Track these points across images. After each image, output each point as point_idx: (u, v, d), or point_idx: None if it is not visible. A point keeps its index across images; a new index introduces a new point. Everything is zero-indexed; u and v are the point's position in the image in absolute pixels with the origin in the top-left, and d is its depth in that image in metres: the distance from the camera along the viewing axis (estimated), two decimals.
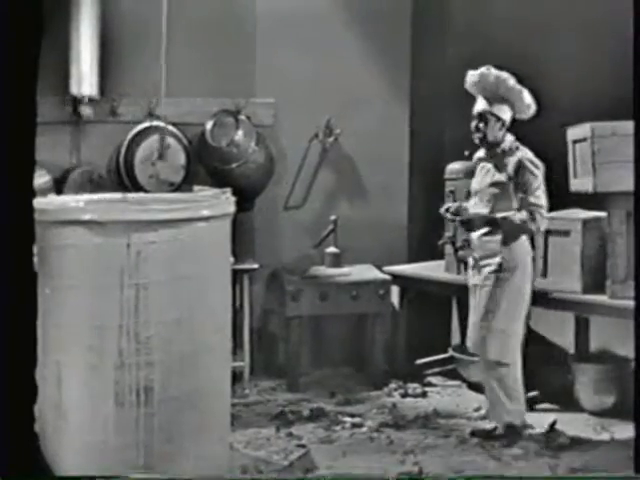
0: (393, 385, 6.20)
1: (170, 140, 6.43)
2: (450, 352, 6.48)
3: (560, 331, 6.16)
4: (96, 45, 6.18)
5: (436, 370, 6.56)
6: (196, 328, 4.41)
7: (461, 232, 5.78)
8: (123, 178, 6.36)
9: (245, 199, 4.78)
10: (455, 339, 6.74)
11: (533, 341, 5.56)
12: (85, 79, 6.18)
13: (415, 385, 6.20)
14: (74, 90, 6.19)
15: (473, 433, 5.31)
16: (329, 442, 5.23)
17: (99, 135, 6.44)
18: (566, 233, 5.59)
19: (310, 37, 6.67)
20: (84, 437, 4.31)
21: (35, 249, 4.54)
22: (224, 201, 4.71)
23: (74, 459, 4.33)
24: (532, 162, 5.21)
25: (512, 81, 5.24)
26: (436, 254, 6.44)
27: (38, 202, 4.63)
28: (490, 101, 5.25)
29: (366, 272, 6.49)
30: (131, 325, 4.29)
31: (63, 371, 4.33)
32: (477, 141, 5.30)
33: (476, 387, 6.02)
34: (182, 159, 6.49)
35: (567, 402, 5.75)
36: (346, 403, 5.94)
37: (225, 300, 4.67)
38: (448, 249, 6.28)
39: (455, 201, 5.83)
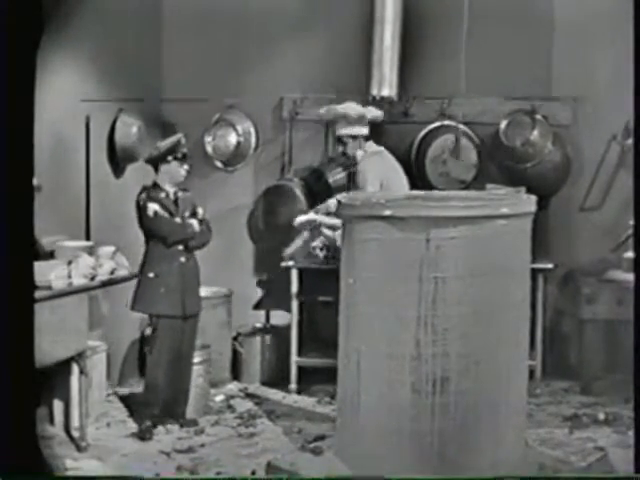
0: None
1: (462, 139, 6.54)
2: None
3: None
4: (397, 48, 6.41)
5: None
6: (494, 323, 4.44)
7: None
8: (413, 176, 6.52)
9: (539, 198, 4.77)
10: None
11: None
12: (385, 81, 6.43)
13: None
14: (374, 91, 6.44)
15: None
16: (626, 447, 5.08)
17: (392, 135, 6.64)
18: None
19: (608, 36, 6.50)
20: (379, 422, 4.50)
21: (342, 242, 4.81)
22: (525, 200, 4.71)
23: (369, 441, 4.52)
24: None
25: None
26: None
27: (343, 197, 4.90)
28: None
29: None
30: (429, 317, 4.40)
31: (362, 358, 4.54)
32: None
33: None
34: (473, 158, 6.58)
35: None
36: None
37: (524, 298, 4.66)
38: None
39: None
